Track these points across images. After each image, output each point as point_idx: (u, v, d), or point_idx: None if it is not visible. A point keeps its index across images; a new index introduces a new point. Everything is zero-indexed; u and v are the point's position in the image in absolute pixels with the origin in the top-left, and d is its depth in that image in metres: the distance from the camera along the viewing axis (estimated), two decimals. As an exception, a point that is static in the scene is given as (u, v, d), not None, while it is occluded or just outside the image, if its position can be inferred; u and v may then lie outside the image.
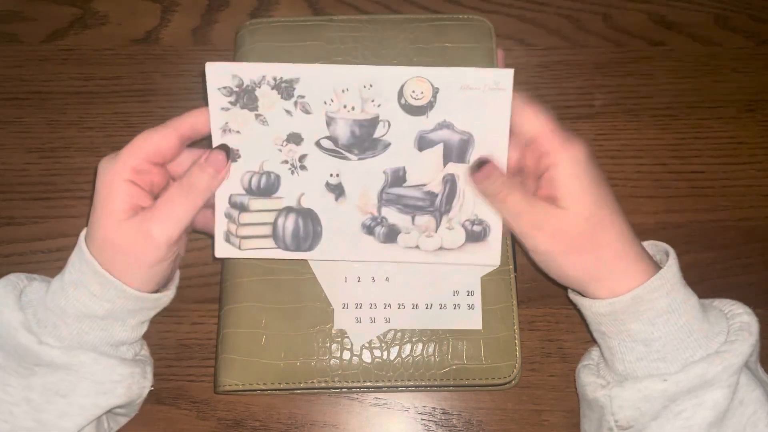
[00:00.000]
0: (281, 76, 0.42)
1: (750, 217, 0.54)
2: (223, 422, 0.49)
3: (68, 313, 0.42)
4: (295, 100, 0.43)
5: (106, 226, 0.42)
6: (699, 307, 0.42)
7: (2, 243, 0.53)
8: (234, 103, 0.43)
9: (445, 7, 0.60)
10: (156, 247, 0.42)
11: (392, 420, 0.49)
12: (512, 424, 0.49)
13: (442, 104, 0.43)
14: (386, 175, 0.44)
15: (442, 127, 0.43)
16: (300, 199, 0.45)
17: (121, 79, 0.58)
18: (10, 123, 0.56)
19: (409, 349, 0.47)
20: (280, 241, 0.45)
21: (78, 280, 0.42)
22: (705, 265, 0.53)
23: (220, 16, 0.60)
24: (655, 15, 0.60)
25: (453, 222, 0.45)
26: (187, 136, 0.44)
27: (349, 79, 0.42)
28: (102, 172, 0.43)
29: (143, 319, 0.45)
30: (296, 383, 0.46)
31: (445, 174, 0.44)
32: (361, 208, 0.45)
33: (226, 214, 0.45)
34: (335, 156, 0.44)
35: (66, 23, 0.59)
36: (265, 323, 0.47)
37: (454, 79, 0.42)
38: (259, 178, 0.45)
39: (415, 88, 0.42)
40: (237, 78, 0.42)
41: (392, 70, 0.42)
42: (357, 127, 0.43)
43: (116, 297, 0.42)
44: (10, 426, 0.41)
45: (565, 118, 0.56)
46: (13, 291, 0.43)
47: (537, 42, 0.59)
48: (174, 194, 0.42)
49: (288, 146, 0.44)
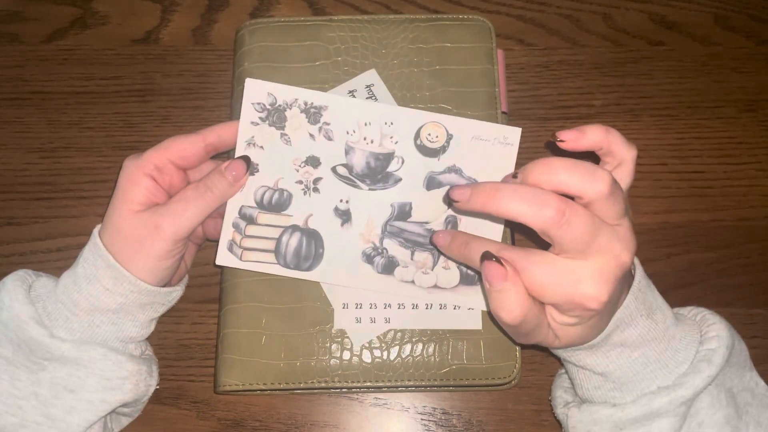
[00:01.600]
0: (312, 102, 0.45)
1: (750, 217, 0.54)
2: (223, 422, 0.49)
3: (81, 306, 0.43)
4: (320, 125, 0.45)
5: (120, 215, 0.43)
6: (662, 335, 0.41)
7: (2, 243, 0.53)
8: (264, 119, 0.45)
9: (445, 7, 0.60)
10: (162, 240, 0.42)
11: (392, 420, 0.49)
12: (512, 424, 0.49)
13: (454, 150, 0.46)
14: (393, 208, 0.46)
15: (451, 171, 0.46)
16: (308, 220, 0.46)
17: (121, 79, 0.58)
18: (10, 123, 0.56)
19: (409, 349, 0.47)
20: (281, 258, 0.46)
21: (91, 274, 0.43)
22: (705, 265, 0.53)
23: (220, 16, 0.60)
24: (655, 15, 0.60)
25: (449, 262, 0.47)
26: (214, 145, 0.45)
27: (373, 114, 0.45)
28: (126, 166, 0.44)
29: (153, 315, 0.46)
30: (296, 383, 0.46)
31: (447, 215, 0.46)
32: (365, 236, 0.46)
33: (234, 223, 0.46)
34: (348, 183, 0.46)
35: (66, 23, 0.59)
36: (265, 323, 0.47)
37: (467, 129, 0.46)
38: (272, 193, 0.46)
39: (431, 132, 0.45)
40: (272, 96, 0.45)
41: (414, 113, 0.46)
42: (373, 159, 0.46)
43: (129, 291, 0.43)
44: (18, 420, 0.42)
45: (565, 118, 0.57)
46: (23, 285, 0.44)
47: (537, 42, 0.59)
48: (189, 193, 0.44)
49: (305, 168, 0.46)
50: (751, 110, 0.57)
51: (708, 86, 0.58)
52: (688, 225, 0.54)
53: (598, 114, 0.57)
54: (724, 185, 0.55)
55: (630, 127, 0.56)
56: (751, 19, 0.60)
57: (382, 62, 0.52)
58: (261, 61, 0.52)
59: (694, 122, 0.57)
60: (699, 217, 0.54)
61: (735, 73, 0.58)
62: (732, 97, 0.57)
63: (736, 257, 0.53)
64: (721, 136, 0.56)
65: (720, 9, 0.60)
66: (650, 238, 0.53)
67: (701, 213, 0.54)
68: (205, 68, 0.58)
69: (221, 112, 0.56)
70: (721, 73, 0.58)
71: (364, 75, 0.52)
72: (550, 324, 0.39)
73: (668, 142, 0.56)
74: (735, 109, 0.57)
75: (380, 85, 0.52)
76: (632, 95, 0.57)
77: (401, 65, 0.52)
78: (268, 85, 0.46)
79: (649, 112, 0.57)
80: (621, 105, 0.57)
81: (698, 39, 0.59)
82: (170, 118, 0.56)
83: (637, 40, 0.59)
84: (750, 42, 0.59)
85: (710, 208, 0.54)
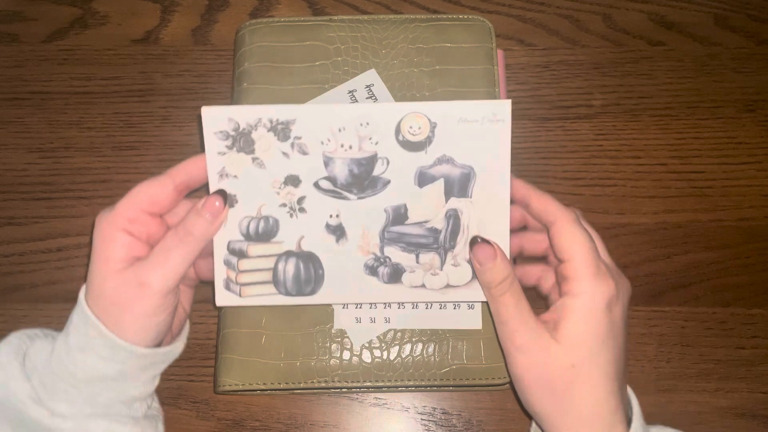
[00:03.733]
0: (277, 118, 0.42)
1: (750, 217, 0.54)
2: (223, 422, 0.49)
3: (78, 378, 0.40)
4: (291, 141, 0.42)
5: (102, 277, 0.40)
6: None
7: (2, 243, 0.53)
8: (231, 147, 0.42)
9: (445, 7, 0.60)
10: (151, 296, 0.40)
11: (392, 420, 0.49)
12: (512, 424, 0.49)
13: (441, 139, 0.42)
14: (387, 214, 0.43)
15: (442, 162, 0.42)
16: (300, 243, 0.43)
17: (121, 79, 0.58)
18: (10, 123, 0.56)
19: (409, 349, 0.47)
20: (281, 287, 0.44)
21: (84, 343, 0.40)
22: (705, 265, 0.53)
23: (220, 16, 0.60)
24: (655, 15, 0.60)
25: (458, 258, 0.44)
26: (184, 184, 0.42)
27: (345, 117, 0.42)
28: (98, 224, 0.41)
29: (155, 373, 0.43)
30: (296, 383, 0.46)
31: (447, 209, 0.43)
32: (363, 248, 0.44)
33: (225, 261, 0.43)
34: (334, 196, 0.43)
35: (66, 23, 0.59)
36: (265, 323, 0.47)
37: (451, 113, 0.41)
38: (257, 222, 0.43)
39: (412, 124, 0.42)
40: (233, 122, 0.42)
41: (388, 107, 0.42)
42: (355, 165, 0.42)
43: (126, 358, 0.41)
44: None
45: (565, 118, 0.57)
46: (17, 357, 0.41)
47: (537, 42, 0.59)
48: (169, 242, 0.41)
49: (286, 189, 0.43)
50: (751, 110, 0.57)
51: (708, 86, 0.58)
52: (687, 225, 0.54)
53: (598, 114, 0.57)
54: (723, 185, 0.55)
55: (630, 127, 0.56)
56: (751, 19, 0.60)
57: (382, 62, 0.52)
58: (261, 61, 0.52)
59: (694, 122, 0.57)
60: (699, 217, 0.54)
61: (735, 73, 0.58)
62: (732, 97, 0.57)
63: (735, 257, 0.53)
64: (721, 136, 0.56)
65: (720, 9, 0.60)
66: (650, 238, 0.54)
67: (701, 213, 0.54)
68: (205, 68, 0.58)
69: (221, 112, 0.56)
70: (720, 73, 0.58)
71: (364, 75, 0.52)
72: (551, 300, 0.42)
73: (668, 142, 0.56)
74: (735, 109, 0.57)
75: (380, 85, 0.52)
76: (632, 95, 0.57)
77: (401, 65, 0.52)
78: (227, 110, 0.42)
79: (649, 112, 0.57)
80: (621, 105, 0.57)
81: (698, 39, 0.59)
82: (170, 118, 0.56)
83: (637, 40, 0.59)
84: (750, 42, 0.59)
85: (710, 208, 0.54)
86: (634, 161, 0.55)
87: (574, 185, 0.55)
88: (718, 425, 0.49)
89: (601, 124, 0.56)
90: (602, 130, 0.56)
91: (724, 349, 0.51)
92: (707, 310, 0.52)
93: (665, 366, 0.51)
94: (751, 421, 0.50)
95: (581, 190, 0.55)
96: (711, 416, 0.50)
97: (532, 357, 0.39)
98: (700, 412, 0.50)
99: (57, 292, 0.52)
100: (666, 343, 0.51)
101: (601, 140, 0.56)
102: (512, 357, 0.40)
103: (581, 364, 0.39)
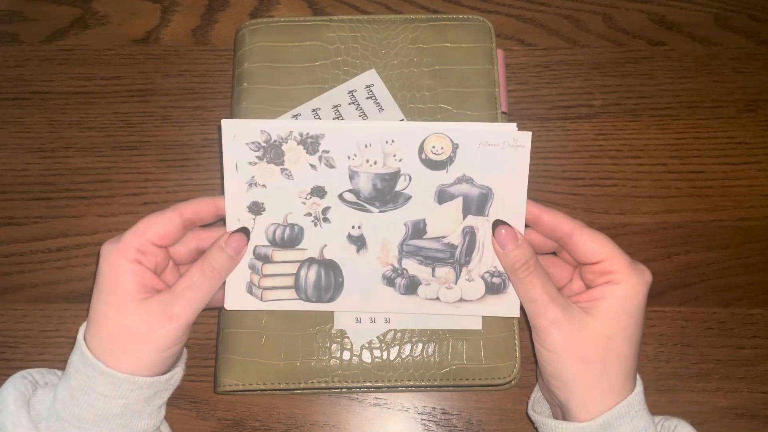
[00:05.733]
0: (307, 132, 0.43)
1: (750, 217, 0.54)
2: (223, 422, 0.49)
3: (84, 419, 0.41)
4: (319, 154, 0.44)
5: (119, 308, 0.41)
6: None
7: (2, 243, 0.53)
8: (261, 157, 0.44)
9: (445, 7, 0.60)
10: (176, 329, 0.41)
11: (392, 420, 0.49)
12: (512, 424, 0.49)
13: (462, 159, 0.44)
14: (407, 227, 0.45)
15: (462, 182, 0.44)
16: (323, 251, 0.45)
17: (121, 79, 0.58)
18: (11, 123, 0.56)
19: (409, 349, 0.47)
20: (301, 292, 0.46)
21: (86, 385, 0.41)
22: (705, 265, 0.53)
23: (220, 16, 0.60)
24: (655, 15, 0.60)
25: (472, 274, 0.45)
26: (191, 221, 0.44)
27: (372, 134, 0.43)
28: (106, 255, 0.42)
29: (159, 403, 0.43)
30: (296, 383, 0.46)
31: (464, 226, 0.45)
32: (382, 259, 0.45)
33: (250, 264, 0.45)
34: (357, 209, 0.45)
35: (66, 23, 0.59)
36: (265, 323, 0.47)
37: (473, 136, 0.43)
38: (284, 230, 0.45)
39: (435, 144, 0.43)
40: (265, 134, 0.43)
41: (413, 126, 0.44)
42: (379, 180, 0.44)
43: (129, 390, 0.41)
44: None
45: (565, 118, 0.57)
46: (24, 406, 0.41)
47: (537, 42, 0.59)
48: (196, 277, 0.42)
49: (312, 199, 0.45)
50: (751, 110, 0.57)
51: (708, 86, 0.58)
52: (687, 225, 0.54)
53: (598, 114, 0.57)
54: (723, 185, 0.55)
55: (630, 127, 0.56)
56: (751, 19, 0.60)
57: (382, 62, 0.52)
58: (261, 61, 0.52)
59: (694, 122, 0.57)
60: (699, 217, 0.54)
61: (735, 73, 0.58)
62: (732, 97, 0.57)
63: (735, 257, 0.53)
64: (721, 136, 0.56)
65: (720, 9, 0.60)
66: (650, 238, 0.54)
67: (701, 213, 0.54)
68: (205, 68, 0.58)
69: (221, 111, 0.56)
70: (721, 73, 0.58)
71: (364, 75, 0.52)
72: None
73: (668, 142, 0.56)
74: (735, 109, 0.57)
75: (380, 85, 0.52)
76: (632, 95, 0.57)
77: (401, 65, 0.52)
78: (260, 123, 0.44)
79: (649, 112, 0.57)
80: (621, 105, 0.57)
81: (698, 39, 0.59)
82: (170, 118, 0.56)
83: (637, 40, 0.59)
84: (750, 42, 0.59)
85: (710, 208, 0.54)
86: (634, 161, 0.55)
87: (574, 185, 0.55)
88: (718, 425, 0.49)
89: (601, 124, 0.56)
90: (602, 130, 0.56)
91: (724, 349, 0.51)
92: (707, 310, 0.52)
93: (665, 366, 0.51)
94: (751, 421, 0.50)
95: (581, 190, 0.55)
96: (711, 416, 0.50)
97: (567, 329, 0.41)
98: (700, 412, 0.50)
99: (57, 292, 0.52)
100: (666, 343, 0.51)
101: (601, 140, 0.56)
102: (545, 332, 0.42)
103: (617, 336, 0.41)
